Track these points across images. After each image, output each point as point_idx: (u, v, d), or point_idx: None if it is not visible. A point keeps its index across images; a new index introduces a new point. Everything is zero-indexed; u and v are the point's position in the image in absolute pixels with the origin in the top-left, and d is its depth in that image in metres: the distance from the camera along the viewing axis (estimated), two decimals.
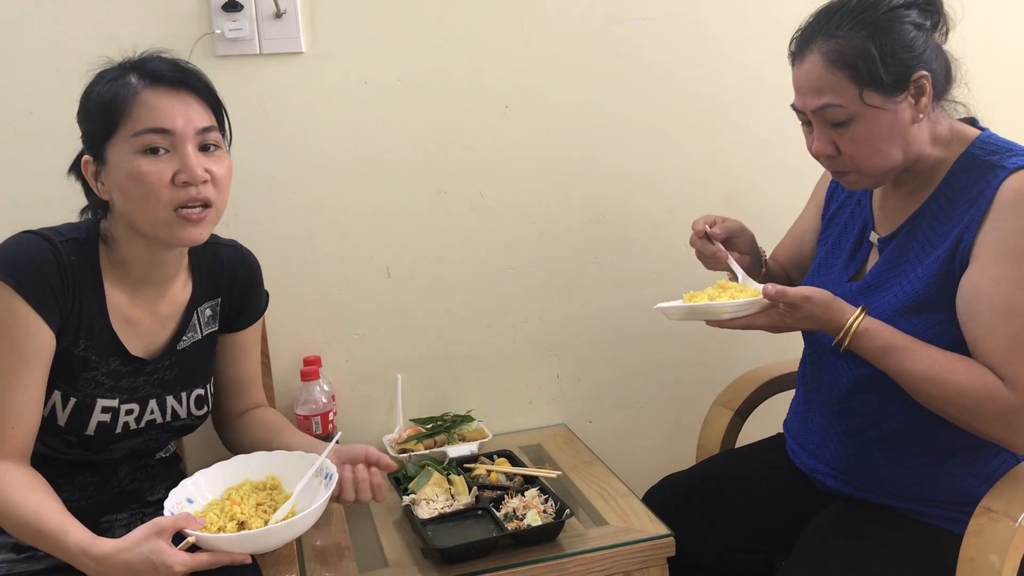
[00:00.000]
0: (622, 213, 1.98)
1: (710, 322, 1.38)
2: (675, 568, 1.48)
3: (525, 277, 1.96)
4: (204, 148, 1.27)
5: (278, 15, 1.71)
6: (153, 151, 1.22)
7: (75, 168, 1.32)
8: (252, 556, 1.29)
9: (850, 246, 1.49)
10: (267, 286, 1.61)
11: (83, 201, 1.36)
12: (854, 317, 1.30)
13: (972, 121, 1.40)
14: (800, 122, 1.39)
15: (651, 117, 1.95)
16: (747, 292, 1.39)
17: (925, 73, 1.29)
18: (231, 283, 1.45)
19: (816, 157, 1.37)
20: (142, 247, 1.30)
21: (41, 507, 1.17)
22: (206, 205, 1.26)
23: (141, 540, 1.12)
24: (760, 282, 1.43)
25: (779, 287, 1.31)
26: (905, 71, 1.28)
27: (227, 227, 1.73)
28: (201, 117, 1.26)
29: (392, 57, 1.80)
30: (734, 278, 1.51)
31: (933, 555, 1.32)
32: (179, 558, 1.11)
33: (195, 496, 1.28)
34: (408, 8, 1.79)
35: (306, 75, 1.76)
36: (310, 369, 1.78)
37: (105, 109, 1.23)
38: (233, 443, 1.51)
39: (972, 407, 1.25)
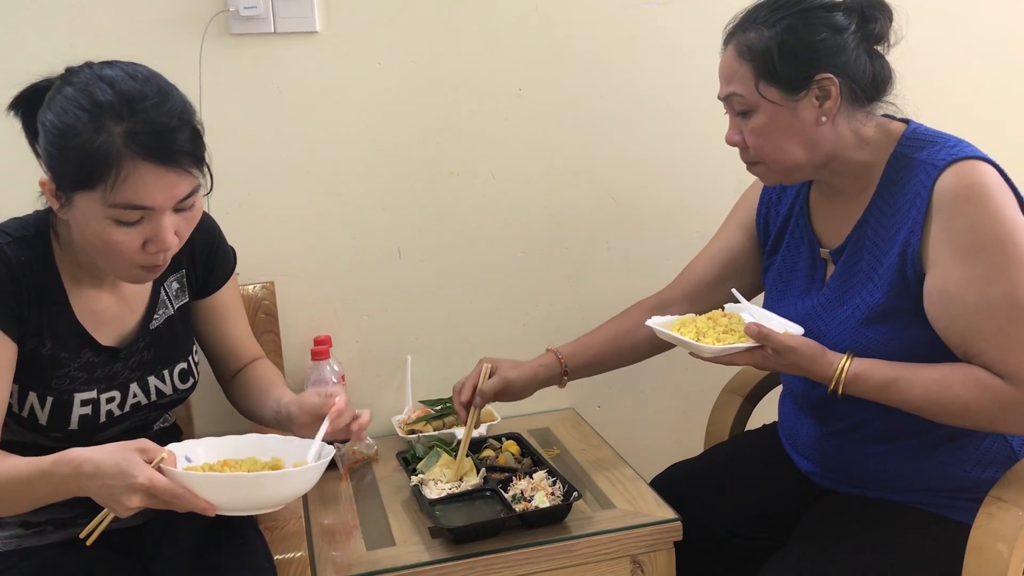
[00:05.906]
0: (634, 198, 1.97)
1: (693, 354, 1.37)
2: (682, 553, 1.49)
3: (535, 261, 1.95)
4: (180, 209, 1.20)
5: None
6: (127, 223, 1.16)
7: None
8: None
9: (805, 267, 1.46)
10: (279, 266, 1.59)
11: None
12: (841, 365, 1.29)
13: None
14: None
15: (665, 101, 1.95)
16: (737, 328, 1.35)
17: (830, 76, 1.28)
18: (190, 249, 1.38)
19: (729, 145, 1.39)
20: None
21: (7, 463, 1.13)
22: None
23: (119, 448, 1.09)
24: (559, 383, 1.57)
25: (763, 329, 1.29)
26: (804, 70, 1.28)
27: (239, 208, 1.73)
28: (183, 187, 1.17)
29: (406, 38, 1.80)
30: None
31: (930, 541, 1.33)
32: (146, 471, 1.07)
33: (195, 458, 1.25)
34: None
35: (320, 55, 1.76)
36: (320, 349, 1.79)
37: (85, 163, 1.12)
38: (236, 404, 1.49)
39: (980, 414, 1.26)
